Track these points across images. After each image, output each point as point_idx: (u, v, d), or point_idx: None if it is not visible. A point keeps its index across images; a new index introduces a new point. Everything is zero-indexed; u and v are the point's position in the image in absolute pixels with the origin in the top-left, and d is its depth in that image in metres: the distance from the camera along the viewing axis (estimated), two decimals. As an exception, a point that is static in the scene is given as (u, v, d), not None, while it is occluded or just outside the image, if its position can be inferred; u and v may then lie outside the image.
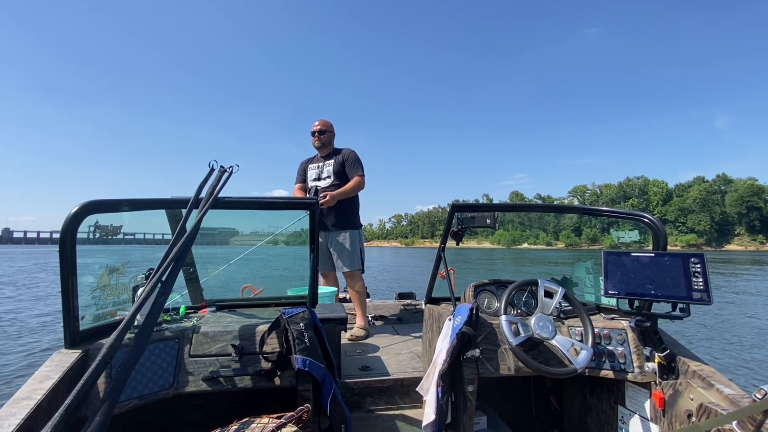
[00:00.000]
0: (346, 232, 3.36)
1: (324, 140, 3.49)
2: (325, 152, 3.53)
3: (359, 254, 3.40)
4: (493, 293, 2.20)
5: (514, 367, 1.74)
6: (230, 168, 1.79)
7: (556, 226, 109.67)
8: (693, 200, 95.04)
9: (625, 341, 1.77)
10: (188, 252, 1.73)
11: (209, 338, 1.70)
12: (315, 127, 3.50)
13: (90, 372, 1.11)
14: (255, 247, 3.07)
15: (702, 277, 1.50)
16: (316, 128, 3.49)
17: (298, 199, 2.71)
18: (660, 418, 1.63)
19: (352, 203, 3.47)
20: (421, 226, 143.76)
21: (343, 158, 3.44)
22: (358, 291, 3.35)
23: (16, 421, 1.12)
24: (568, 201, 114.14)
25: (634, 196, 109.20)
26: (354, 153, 3.48)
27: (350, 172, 3.40)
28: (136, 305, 1.32)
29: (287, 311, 1.76)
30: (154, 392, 1.53)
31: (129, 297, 1.76)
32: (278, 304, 2.27)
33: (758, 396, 1.10)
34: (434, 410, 1.63)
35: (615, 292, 1.70)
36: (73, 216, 1.44)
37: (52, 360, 1.44)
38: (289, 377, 1.66)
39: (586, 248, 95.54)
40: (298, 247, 2.65)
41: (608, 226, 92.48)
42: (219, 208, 1.74)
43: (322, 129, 3.49)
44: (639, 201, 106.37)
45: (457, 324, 1.75)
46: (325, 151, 3.53)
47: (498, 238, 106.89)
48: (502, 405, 2.36)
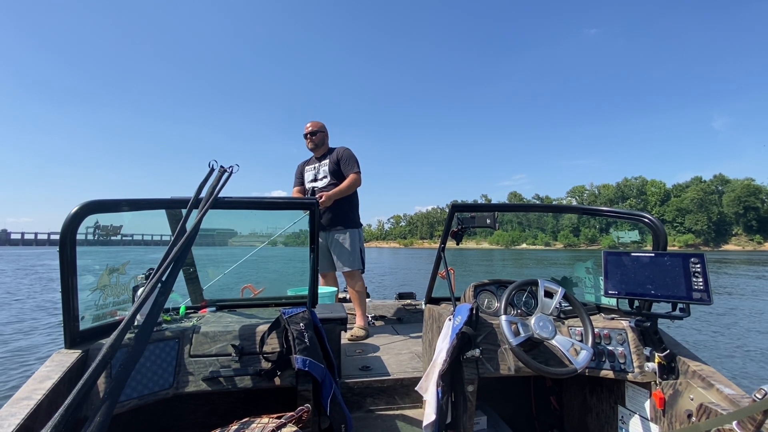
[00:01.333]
0: (345, 232, 3.35)
1: (317, 141, 3.48)
2: (320, 153, 3.53)
3: (359, 254, 3.38)
4: (493, 293, 2.20)
5: (514, 367, 1.74)
6: (230, 168, 1.79)
7: (554, 226, 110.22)
8: (690, 200, 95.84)
9: (625, 341, 1.77)
10: (188, 252, 1.73)
11: (209, 338, 1.70)
12: (306, 129, 3.50)
13: (90, 372, 1.11)
14: (257, 249, 3.07)
15: (702, 277, 1.50)
16: (307, 130, 3.50)
17: (298, 199, 2.72)
18: (660, 418, 1.63)
19: (351, 202, 3.44)
20: (420, 227, 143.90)
21: (337, 156, 3.42)
22: (357, 291, 3.35)
23: (16, 421, 1.12)
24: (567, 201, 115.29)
25: (632, 196, 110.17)
26: (348, 150, 3.46)
27: (345, 169, 3.37)
28: (136, 305, 1.32)
29: (287, 311, 1.76)
30: (154, 392, 1.53)
31: (129, 297, 1.76)
32: (278, 304, 2.27)
33: (758, 396, 1.10)
34: (434, 410, 1.63)
35: (615, 292, 1.70)
36: (73, 216, 1.44)
37: (52, 360, 1.44)
38: (289, 377, 1.66)
39: (585, 248, 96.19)
40: (298, 248, 2.65)
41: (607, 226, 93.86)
42: (219, 208, 1.74)
43: (313, 130, 3.48)
44: (637, 201, 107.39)
45: (457, 324, 1.75)
46: (320, 151, 3.53)
47: (497, 238, 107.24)
48: (502, 405, 2.36)
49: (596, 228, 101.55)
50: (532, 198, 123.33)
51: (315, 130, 3.49)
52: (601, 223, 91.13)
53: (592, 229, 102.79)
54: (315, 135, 3.48)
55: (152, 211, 1.82)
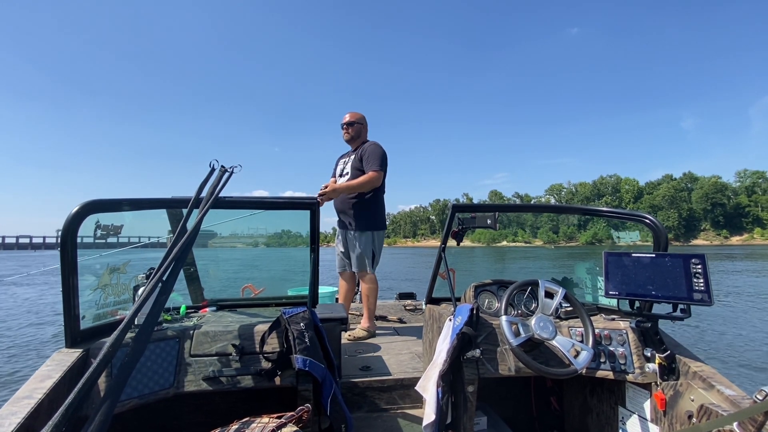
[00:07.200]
0: (358, 233, 3.25)
1: (353, 132, 3.35)
2: (355, 145, 3.40)
3: (371, 256, 3.28)
4: (494, 293, 2.20)
5: (515, 368, 1.74)
6: (231, 168, 1.80)
7: (533, 223, 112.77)
8: (662, 197, 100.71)
9: (625, 342, 1.77)
10: (189, 252, 1.73)
11: (210, 338, 1.70)
12: (344, 120, 3.39)
13: (91, 371, 1.11)
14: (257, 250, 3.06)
15: (703, 278, 1.50)
16: (344, 120, 3.38)
17: (298, 198, 2.72)
18: (660, 419, 1.63)
19: (368, 202, 3.27)
20: (403, 226, 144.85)
21: (362, 152, 3.27)
22: (365, 292, 3.31)
23: (17, 420, 1.12)
24: (545, 199, 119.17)
25: (608, 193, 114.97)
26: (373, 146, 3.27)
27: (366, 166, 3.21)
28: (137, 304, 1.32)
29: (288, 311, 1.76)
30: (154, 392, 1.53)
31: (130, 296, 1.76)
32: (279, 304, 2.27)
33: (759, 397, 1.10)
34: (434, 410, 1.63)
35: (616, 292, 1.70)
36: (74, 215, 1.44)
37: (52, 359, 1.45)
38: (289, 377, 1.66)
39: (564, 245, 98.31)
40: (299, 248, 2.64)
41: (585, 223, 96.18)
42: (219, 208, 1.75)
43: (350, 120, 3.35)
44: (612, 198, 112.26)
45: (458, 324, 1.75)
46: (355, 144, 3.39)
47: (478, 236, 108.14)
48: (503, 405, 2.36)
49: (575, 225, 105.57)
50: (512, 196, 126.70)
51: (352, 120, 3.36)
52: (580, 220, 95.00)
53: (571, 226, 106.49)
54: (352, 126, 3.36)
55: (151, 212, 1.83)
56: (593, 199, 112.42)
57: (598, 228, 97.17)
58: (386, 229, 3.53)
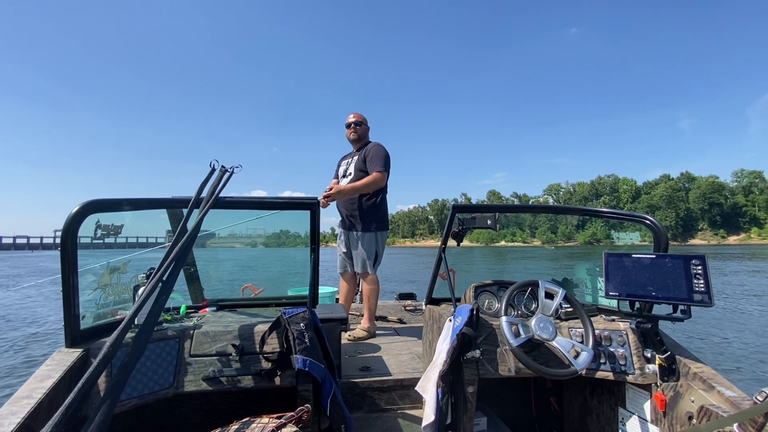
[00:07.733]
0: (362, 233, 3.26)
1: (360, 132, 3.39)
2: (358, 146, 3.44)
3: (374, 256, 3.28)
4: (494, 294, 2.20)
5: (515, 369, 1.74)
6: (231, 168, 1.80)
7: (532, 223, 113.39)
8: (660, 197, 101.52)
9: (625, 343, 1.77)
10: (189, 251, 1.73)
11: (210, 338, 1.70)
12: (349, 120, 3.42)
13: (91, 371, 1.11)
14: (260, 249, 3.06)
15: (703, 279, 1.50)
16: (350, 120, 3.41)
17: (299, 198, 2.72)
18: (660, 420, 1.63)
19: (372, 202, 3.28)
20: (401, 226, 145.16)
21: (365, 153, 3.30)
22: (366, 293, 3.32)
23: (16, 419, 1.12)
24: (544, 199, 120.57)
25: (606, 193, 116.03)
26: (377, 147, 3.30)
27: (370, 167, 3.23)
28: (137, 304, 1.32)
29: (288, 311, 1.76)
30: (154, 392, 1.53)
31: (130, 296, 1.76)
32: (279, 304, 2.27)
33: (759, 398, 1.10)
34: (434, 411, 1.63)
35: (616, 293, 1.70)
36: (74, 215, 1.44)
37: (52, 359, 1.44)
38: (289, 377, 1.66)
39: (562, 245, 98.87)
40: (297, 249, 2.64)
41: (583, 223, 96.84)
42: (220, 208, 1.74)
43: (357, 120, 3.39)
44: (610, 198, 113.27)
45: (458, 325, 1.75)
46: (359, 144, 3.44)
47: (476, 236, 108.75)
48: (503, 406, 2.36)
49: (573, 225, 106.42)
50: (511, 196, 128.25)
51: (360, 121, 3.42)
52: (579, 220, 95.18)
53: (570, 226, 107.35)
54: (360, 126, 3.40)
55: (152, 210, 1.83)
56: (591, 199, 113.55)
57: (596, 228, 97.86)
58: (389, 230, 3.54)
